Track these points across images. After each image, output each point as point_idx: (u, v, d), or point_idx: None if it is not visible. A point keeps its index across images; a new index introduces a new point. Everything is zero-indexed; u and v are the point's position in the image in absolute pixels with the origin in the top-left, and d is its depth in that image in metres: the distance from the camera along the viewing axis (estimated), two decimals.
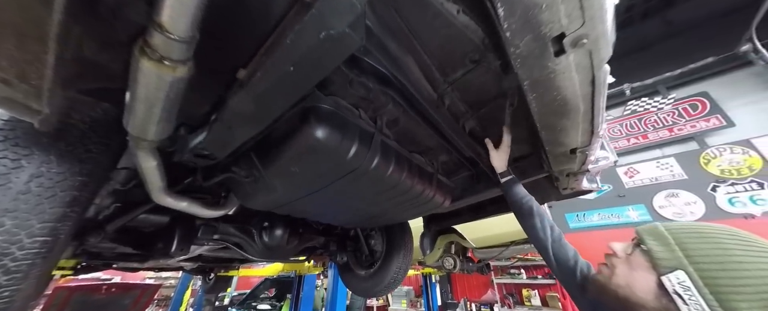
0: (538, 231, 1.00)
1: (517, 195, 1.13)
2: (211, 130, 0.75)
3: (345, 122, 0.81)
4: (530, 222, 1.04)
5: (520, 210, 1.10)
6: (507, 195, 1.16)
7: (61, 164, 0.73)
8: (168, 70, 0.53)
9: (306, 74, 0.58)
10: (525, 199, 1.10)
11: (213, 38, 0.62)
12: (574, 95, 0.68)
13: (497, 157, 1.17)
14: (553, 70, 0.60)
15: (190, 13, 0.47)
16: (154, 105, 0.60)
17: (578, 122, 0.80)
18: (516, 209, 1.12)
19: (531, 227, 1.03)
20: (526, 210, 1.07)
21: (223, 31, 0.60)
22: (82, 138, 0.76)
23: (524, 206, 1.08)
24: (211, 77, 0.67)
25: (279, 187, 0.97)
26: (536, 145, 1.18)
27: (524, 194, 1.12)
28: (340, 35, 0.50)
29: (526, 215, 1.06)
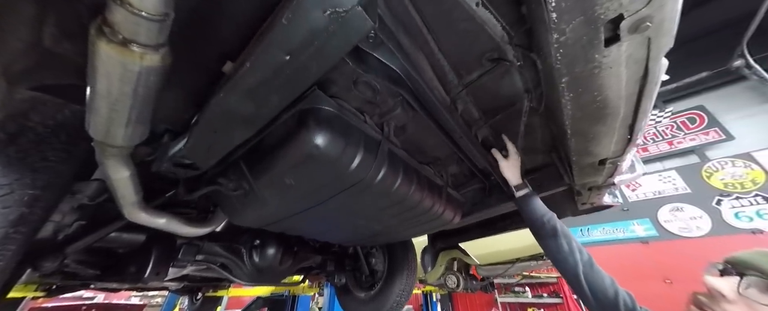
0: (566, 255, 0.87)
1: (535, 212, 1.00)
2: (192, 135, 0.63)
3: (349, 127, 0.71)
4: (555, 244, 0.91)
5: (541, 230, 0.97)
6: (524, 212, 1.04)
7: (6, 175, 0.61)
8: (134, 58, 0.43)
9: (305, 65, 0.47)
10: (546, 216, 0.98)
11: (194, 19, 0.53)
12: (617, 96, 0.59)
13: (509, 168, 1.06)
14: (598, 64, 0.51)
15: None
16: (119, 102, 0.49)
17: (614, 129, 0.70)
18: (535, 228, 1.00)
19: (556, 250, 0.91)
20: (548, 230, 0.94)
21: (207, 9, 0.50)
22: (38, 144, 0.64)
23: (547, 226, 0.95)
24: (193, 70, 0.57)
25: (271, 201, 0.85)
26: (556, 154, 1.08)
27: (545, 211, 1.00)
28: (348, 14, 0.41)
29: (548, 235, 0.94)
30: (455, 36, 0.73)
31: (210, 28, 0.54)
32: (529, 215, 1.02)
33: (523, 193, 1.07)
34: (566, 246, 0.89)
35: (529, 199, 1.05)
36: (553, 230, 0.93)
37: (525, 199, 1.05)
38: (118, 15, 0.38)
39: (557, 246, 0.91)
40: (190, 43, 0.56)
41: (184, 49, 0.57)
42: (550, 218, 0.97)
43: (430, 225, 1.20)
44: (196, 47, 0.56)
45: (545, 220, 0.97)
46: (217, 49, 0.55)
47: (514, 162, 1.05)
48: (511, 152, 1.05)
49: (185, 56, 0.58)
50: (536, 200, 1.04)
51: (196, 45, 0.56)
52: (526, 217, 1.03)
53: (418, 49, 0.73)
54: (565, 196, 1.32)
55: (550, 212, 1.00)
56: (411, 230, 1.24)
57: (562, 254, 0.89)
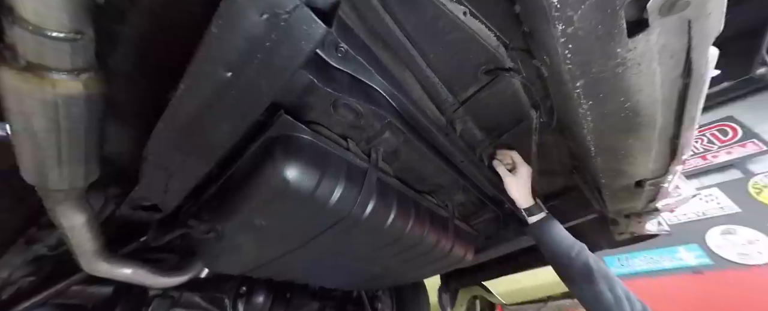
0: (609, 307, 0.66)
1: (559, 244, 0.78)
2: (144, 173, 0.55)
3: (326, 155, 0.61)
4: (591, 291, 0.69)
5: (568, 268, 0.75)
6: (543, 244, 0.83)
7: None
8: (44, 85, 0.36)
9: (253, 83, 0.39)
10: (574, 250, 0.76)
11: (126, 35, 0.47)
12: (650, 101, 0.46)
13: (516, 185, 0.83)
14: (622, 60, 0.39)
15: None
16: (40, 140, 0.42)
17: (651, 142, 0.56)
18: (561, 266, 0.77)
19: (593, 299, 0.69)
20: (578, 269, 0.73)
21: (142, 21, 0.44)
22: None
23: (575, 263, 0.74)
24: (140, 97, 0.50)
25: (246, 246, 0.73)
26: (580, 176, 0.92)
27: (572, 243, 0.78)
28: (291, 17, 0.33)
29: (579, 277, 0.72)
30: (443, 49, 0.65)
31: (150, 45, 0.48)
32: (549, 248, 0.80)
33: (537, 218, 0.84)
34: (609, 293, 0.68)
35: (547, 227, 0.82)
36: (586, 268, 0.72)
37: (542, 227, 0.82)
38: (16, 35, 0.32)
39: (595, 293, 0.69)
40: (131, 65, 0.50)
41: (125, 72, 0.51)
42: (580, 252, 0.76)
43: (438, 265, 1.02)
44: (137, 69, 0.50)
45: (573, 254, 0.76)
46: (163, 71, 0.48)
47: (522, 177, 0.84)
48: (517, 163, 0.84)
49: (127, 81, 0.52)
50: (557, 228, 0.82)
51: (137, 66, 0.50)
52: (547, 251, 0.81)
53: (402, 65, 0.65)
54: (596, 225, 1.12)
55: (578, 243, 0.79)
56: (417, 271, 1.06)
57: (604, 305, 0.68)
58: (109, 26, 0.49)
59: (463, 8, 0.59)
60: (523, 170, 0.84)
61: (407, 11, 0.57)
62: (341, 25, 0.51)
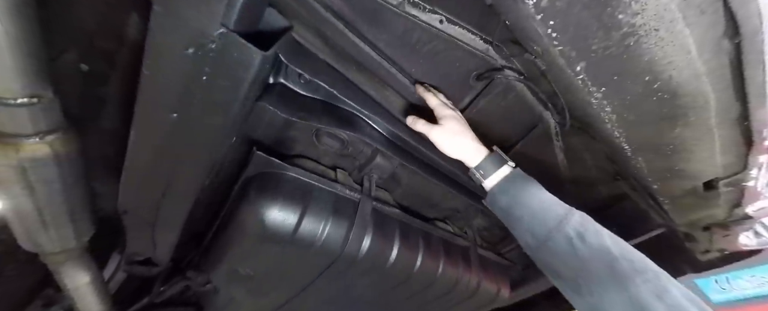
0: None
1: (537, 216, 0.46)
2: (127, 228, 0.54)
3: (308, 190, 0.55)
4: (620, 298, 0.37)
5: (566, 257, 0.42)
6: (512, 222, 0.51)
7: None
8: (7, 151, 0.37)
9: (203, 122, 0.37)
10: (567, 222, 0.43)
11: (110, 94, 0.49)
12: (689, 75, 0.35)
13: (448, 139, 0.53)
14: (630, 28, 0.30)
15: (10, 62, 0.32)
16: (18, 206, 0.43)
17: (710, 128, 0.43)
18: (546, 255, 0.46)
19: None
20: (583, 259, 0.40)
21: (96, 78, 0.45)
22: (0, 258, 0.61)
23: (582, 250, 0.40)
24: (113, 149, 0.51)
25: (239, 297, 0.67)
26: (626, 182, 0.75)
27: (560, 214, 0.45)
28: (219, 46, 0.30)
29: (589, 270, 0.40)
30: (424, 62, 0.60)
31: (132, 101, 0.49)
32: (526, 225, 0.47)
33: (499, 178, 0.51)
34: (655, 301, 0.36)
35: (516, 189, 0.49)
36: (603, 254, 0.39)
37: (508, 190, 0.49)
38: None
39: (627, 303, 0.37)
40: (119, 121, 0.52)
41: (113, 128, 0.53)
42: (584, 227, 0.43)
43: (467, 307, 0.86)
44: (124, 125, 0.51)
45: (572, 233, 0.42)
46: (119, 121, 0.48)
47: (451, 123, 0.52)
48: (435, 108, 0.54)
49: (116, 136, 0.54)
50: (534, 191, 0.49)
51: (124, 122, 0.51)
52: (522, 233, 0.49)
53: (381, 84, 0.61)
54: (669, 243, 0.88)
55: (574, 212, 0.46)
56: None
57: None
58: (94, 88, 0.53)
59: (438, 17, 0.55)
60: (445, 113, 0.53)
61: (375, 30, 0.54)
62: (302, 52, 0.49)
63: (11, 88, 0.33)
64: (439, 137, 0.53)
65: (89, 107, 0.54)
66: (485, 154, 0.54)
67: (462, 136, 0.53)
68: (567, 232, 0.43)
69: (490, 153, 0.54)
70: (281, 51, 0.42)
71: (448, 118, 0.53)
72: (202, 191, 0.48)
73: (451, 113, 0.55)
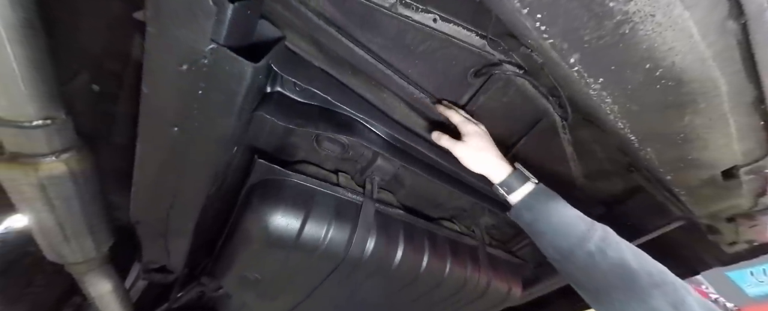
0: None
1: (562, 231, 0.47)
2: (141, 237, 0.57)
3: (310, 195, 0.56)
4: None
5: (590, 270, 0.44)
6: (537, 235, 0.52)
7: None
8: (27, 171, 0.39)
9: (202, 134, 0.38)
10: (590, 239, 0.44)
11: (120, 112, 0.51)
12: (694, 60, 0.33)
13: (472, 155, 0.54)
14: (624, 16, 0.29)
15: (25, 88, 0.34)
16: (41, 221, 0.46)
17: (725, 114, 0.40)
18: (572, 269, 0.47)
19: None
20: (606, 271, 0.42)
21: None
22: (28, 272, 0.65)
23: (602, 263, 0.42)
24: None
25: (250, 301, 0.69)
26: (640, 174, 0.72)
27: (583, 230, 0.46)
28: (211, 61, 0.31)
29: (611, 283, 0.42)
30: (420, 62, 0.60)
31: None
32: (548, 240, 0.49)
33: (523, 193, 0.52)
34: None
35: (541, 204, 0.50)
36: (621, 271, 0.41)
37: (532, 206, 0.51)
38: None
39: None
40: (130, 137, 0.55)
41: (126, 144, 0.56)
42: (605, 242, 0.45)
43: (478, 307, 0.84)
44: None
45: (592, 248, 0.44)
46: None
47: (475, 139, 0.54)
48: (459, 124, 0.55)
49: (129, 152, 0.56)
50: (559, 206, 0.50)
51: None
52: (547, 246, 0.50)
53: (378, 87, 0.61)
54: (692, 235, 0.84)
55: (599, 227, 0.48)
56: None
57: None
58: (106, 107, 0.56)
59: (432, 15, 0.55)
60: (469, 129, 0.54)
61: (369, 33, 0.55)
62: (296, 60, 0.50)
63: (27, 112, 0.35)
64: (463, 153, 0.55)
65: (102, 125, 0.57)
66: (509, 170, 0.55)
67: (486, 152, 0.55)
68: (588, 247, 0.45)
69: (514, 170, 0.56)
70: (274, 61, 0.43)
71: (472, 134, 0.55)
72: (209, 199, 0.50)
73: (475, 128, 0.56)
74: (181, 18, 0.27)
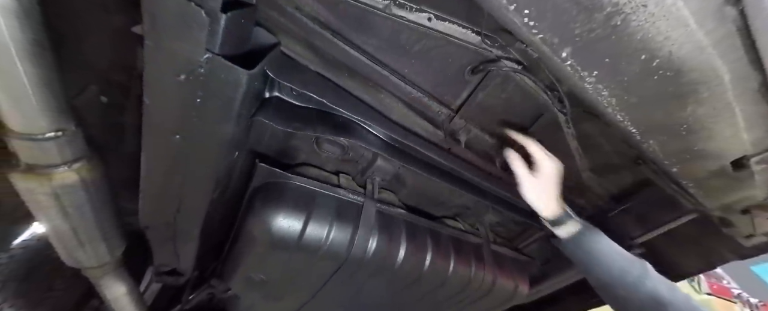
0: None
1: (604, 266, 0.55)
2: (151, 242, 0.59)
3: (312, 197, 0.57)
4: None
5: (626, 300, 0.54)
6: (583, 267, 0.61)
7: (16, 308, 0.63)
8: (41, 181, 0.41)
9: (204, 140, 0.39)
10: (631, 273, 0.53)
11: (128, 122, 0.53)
12: (692, 49, 0.32)
13: (534, 187, 0.61)
14: (614, 7, 0.29)
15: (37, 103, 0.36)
16: (57, 228, 0.48)
17: (729, 103, 0.39)
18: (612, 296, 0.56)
19: None
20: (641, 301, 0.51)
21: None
22: (49, 277, 0.69)
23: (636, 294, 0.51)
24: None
25: (259, 302, 0.71)
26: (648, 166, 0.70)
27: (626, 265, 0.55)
28: (206, 69, 0.32)
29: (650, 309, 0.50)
30: (416, 61, 0.60)
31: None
32: (593, 272, 0.58)
33: (570, 232, 0.60)
34: None
35: (585, 242, 0.59)
36: (653, 301, 0.50)
37: (578, 242, 0.59)
38: (13, 144, 0.38)
39: None
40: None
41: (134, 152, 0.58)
42: (642, 277, 0.52)
43: (485, 305, 0.84)
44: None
45: (630, 280, 0.52)
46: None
47: (544, 177, 0.60)
48: (537, 158, 0.61)
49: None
50: (602, 244, 0.58)
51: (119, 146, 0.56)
52: (591, 277, 0.60)
53: (375, 88, 0.61)
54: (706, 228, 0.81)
55: (639, 263, 0.56)
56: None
57: None
58: (114, 117, 0.58)
59: (427, 14, 0.55)
60: (545, 166, 0.60)
61: (364, 35, 0.55)
62: (291, 65, 0.51)
63: (39, 125, 0.37)
64: (528, 184, 0.62)
65: (112, 134, 0.59)
66: (561, 212, 0.63)
67: (549, 190, 0.62)
68: (626, 281, 0.53)
69: (563, 211, 0.63)
70: (270, 67, 0.44)
71: (544, 171, 0.61)
72: (213, 204, 0.52)
73: (551, 165, 0.61)
74: (176, 30, 0.28)
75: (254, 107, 0.46)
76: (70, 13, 0.45)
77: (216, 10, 0.29)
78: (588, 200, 0.95)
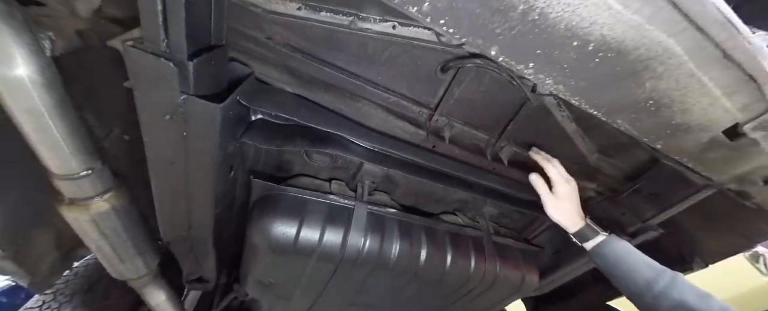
0: None
1: (630, 275, 0.58)
2: (176, 253, 0.68)
3: (304, 204, 0.63)
4: None
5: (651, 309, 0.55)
6: (609, 276, 0.64)
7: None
8: (81, 211, 0.51)
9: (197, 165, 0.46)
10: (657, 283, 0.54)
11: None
12: (625, 29, 0.32)
13: (555, 206, 0.67)
14: (526, 5, 0.30)
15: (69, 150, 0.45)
16: (100, 248, 0.58)
17: (692, 73, 0.37)
18: (639, 304, 0.58)
19: None
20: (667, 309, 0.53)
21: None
22: (107, 289, 0.82)
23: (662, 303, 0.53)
24: None
25: (275, 302, 0.78)
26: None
27: (652, 274, 0.56)
28: (185, 109, 0.39)
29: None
30: (386, 68, 0.63)
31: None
32: (620, 280, 0.60)
33: (594, 243, 0.66)
34: None
35: (611, 251, 0.63)
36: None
37: (604, 253, 0.64)
38: (56, 184, 0.48)
39: None
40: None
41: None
42: (669, 287, 0.54)
43: (493, 297, 0.84)
44: None
45: (656, 290, 0.54)
46: None
47: (562, 197, 0.67)
48: (553, 179, 0.67)
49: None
50: (627, 253, 0.62)
51: None
52: (619, 285, 0.61)
53: (353, 98, 0.65)
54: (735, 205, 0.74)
55: (667, 272, 0.57)
56: (464, 309, 0.89)
57: None
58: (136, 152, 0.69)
59: (390, 23, 0.58)
60: (561, 187, 0.67)
61: (333, 51, 0.60)
62: (266, 89, 0.57)
63: (73, 167, 0.47)
64: (549, 201, 0.68)
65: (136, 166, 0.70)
66: (582, 224, 0.68)
67: (568, 206, 0.68)
68: (654, 291, 0.55)
69: (586, 225, 0.68)
70: (243, 96, 0.50)
71: (563, 188, 0.67)
72: (220, 218, 0.59)
73: (566, 185, 0.68)
74: (154, 81, 0.35)
75: (240, 130, 0.53)
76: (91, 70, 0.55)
77: (183, 60, 0.35)
78: (600, 184, 0.91)
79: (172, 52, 0.34)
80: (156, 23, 0.32)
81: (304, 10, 0.53)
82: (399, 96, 0.67)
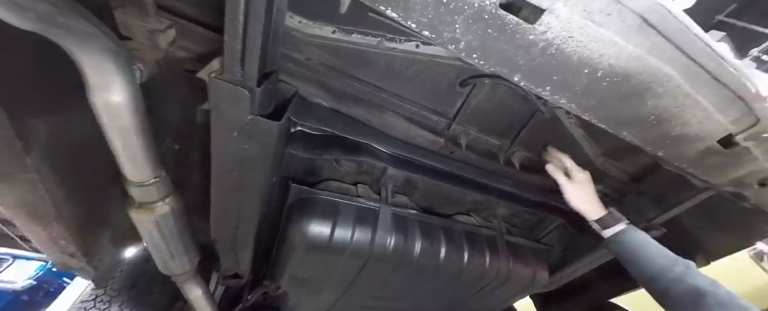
0: None
1: (647, 262, 0.61)
2: (219, 251, 0.75)
3: (336, 206, 0.69)
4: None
5: (666, 293, 0.58)
6: (627, 264, 0.66)
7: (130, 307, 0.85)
8: (148, 214, 0.58)
9: (252, 173, 0.53)
10: (672, 270, 0.57)
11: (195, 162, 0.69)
12: (627, 59, 0.38)
13: (576, 194, 0.70)
14: (546, 42, 0.36)
15: (144, 161, 0.52)
16: (157, 246, 0.66)
17: (687, 93, 0.43)
18: (655, 290, 0.60)
19: None
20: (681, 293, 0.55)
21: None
22: (149, 284, 0.90)
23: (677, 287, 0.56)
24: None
25: (306, 296, 0.85)
26: None
27: (668, 262, 0.59)
28: (250, 127, 0.46)
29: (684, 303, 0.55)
30: (410, 83, 0.70)
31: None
32: (637, 268, 0.63)
33: (615, 231, 0.67)
34: None
35: (629, 240, 0.65)
36: (692, 294, 0.54)
37: (622, 241, 0.66)
38: (129, 189, 0.55)
39: None
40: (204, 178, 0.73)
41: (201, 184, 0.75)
42: (684, 273, 0.57)
43: (506, 292, 0.90)
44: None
45: (672, 276, 0.57)
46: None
47: (582, 184, 0.71)
48: (570, 169, 0.71)
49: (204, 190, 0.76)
50: (645, 241, 0.64)
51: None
52: (635, 273, 0.64)
53: (378, 110, 0.72)
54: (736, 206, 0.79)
55: (682, 261, 0.60)
56: (481, 301, 0.95)
57: None
58: (184, 160, 0.76)
59: (414, 42, 0.64)
60: (580, 175, 0.70)
61: (363, 69, 0.66)
62: (307, 105, 0.64)
63: (145, 175, 0.54)
64: (569, 188, 0.71)
65: (182, 172, 0.77)
66: (604, 212, 0.70)
67: (589, 193, 0.71)
68: (668, 277, 0.58)
69: (608, 213, 0.70)
70: (291, 113, 0.56)
71: (578, 178, 0.71)
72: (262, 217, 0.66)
73: (583, 175, 0.71)
74: (230, 105, 0.42)
75: (285, 143, 0.60)
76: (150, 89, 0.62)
77: (253, 87, 0.42)
78: (607, 185, 0.96)
79: (245, 81, 0.41)
80: (236, 58, 0.39)
81: (338, 32, 0.60)
82: (420, 107, 0.74)
